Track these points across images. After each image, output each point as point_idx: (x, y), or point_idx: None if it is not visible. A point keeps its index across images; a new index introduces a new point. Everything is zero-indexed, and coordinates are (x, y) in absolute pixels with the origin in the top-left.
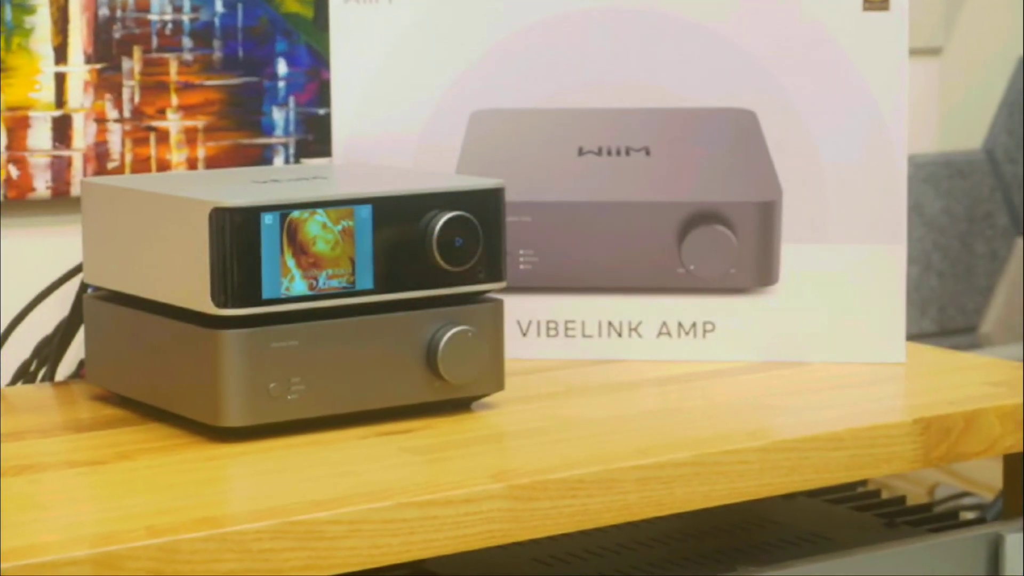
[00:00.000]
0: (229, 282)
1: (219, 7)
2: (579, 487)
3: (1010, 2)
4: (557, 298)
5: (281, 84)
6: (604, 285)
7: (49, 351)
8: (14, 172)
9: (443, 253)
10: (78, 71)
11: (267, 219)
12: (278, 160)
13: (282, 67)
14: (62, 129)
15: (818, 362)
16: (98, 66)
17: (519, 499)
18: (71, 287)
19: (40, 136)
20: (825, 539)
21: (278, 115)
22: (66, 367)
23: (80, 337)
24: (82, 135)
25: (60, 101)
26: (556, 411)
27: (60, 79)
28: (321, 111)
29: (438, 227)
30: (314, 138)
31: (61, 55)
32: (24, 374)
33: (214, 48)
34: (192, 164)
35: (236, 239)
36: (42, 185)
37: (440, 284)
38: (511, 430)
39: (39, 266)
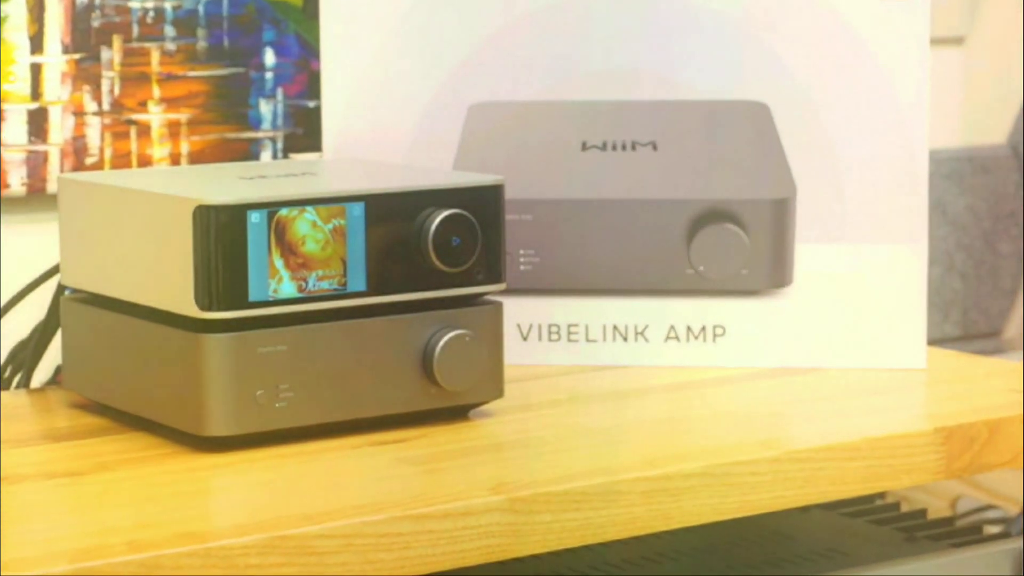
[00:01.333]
0: (214, 284)
1: None
2: (582, 500)
3: None
4: (559, 300)
5: (269, 75)
6: (609, 287)
7: (24, 356)
8: None
9: (439, 253)
10: (55, 61)
11: (254, 217)
12: (265, 155)
13: (270, 57)
14: (38, 122)
15: (834, 368)
16: (76, 56)
17: (519, 512)
18: (47, 289)
19: (15, 130)
20: (842, 554)
21: (265, 108)
22: (42, 373)
23: (57, 342)
24: (59, 129)
25: (36, 93)
26: (558, 420)
27: (36, 70)
28: (311, 104)
29: (434, 226)
30: (303, 132)
31: (37, 45)
32: None
33: (198, 37)
34: (175, 159)
35: (221, 238)
36: (17, 181)
37: (436, 286)
38: (511, 439)
39: (13, 267)
